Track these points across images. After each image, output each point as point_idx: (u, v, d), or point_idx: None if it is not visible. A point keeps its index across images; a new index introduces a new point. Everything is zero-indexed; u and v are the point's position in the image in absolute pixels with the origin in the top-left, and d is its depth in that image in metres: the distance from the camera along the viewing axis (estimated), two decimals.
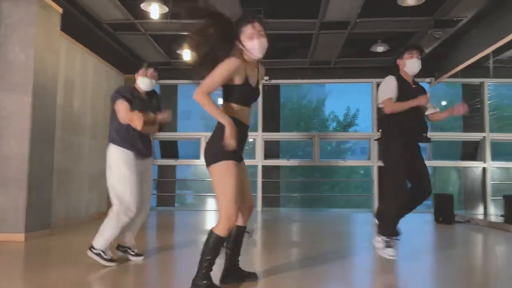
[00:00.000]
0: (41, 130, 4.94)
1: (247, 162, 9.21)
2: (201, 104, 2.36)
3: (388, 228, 3.49)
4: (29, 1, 4.76)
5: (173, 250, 4.21)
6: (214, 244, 2.41)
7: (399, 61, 3.58)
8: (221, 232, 2.39)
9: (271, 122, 8.84)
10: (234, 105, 2.50)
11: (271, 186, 8.73)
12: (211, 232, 2.43)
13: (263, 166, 8.69)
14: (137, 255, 3.53)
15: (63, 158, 6.12)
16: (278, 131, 8.94)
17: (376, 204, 8.52)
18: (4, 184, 4.65)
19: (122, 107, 3.31)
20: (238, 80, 2.44)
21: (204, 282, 2.39)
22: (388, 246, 3.47)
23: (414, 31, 6.29)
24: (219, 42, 2.42)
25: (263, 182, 8.67)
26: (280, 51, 7.59)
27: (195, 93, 2.36)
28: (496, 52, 7.07)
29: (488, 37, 6.27)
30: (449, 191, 9.11)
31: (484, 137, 8.62)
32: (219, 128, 2.41)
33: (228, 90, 2.49)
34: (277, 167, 8.90)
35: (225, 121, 2.36)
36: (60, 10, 5.29)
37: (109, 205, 7.54)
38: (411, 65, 3.47)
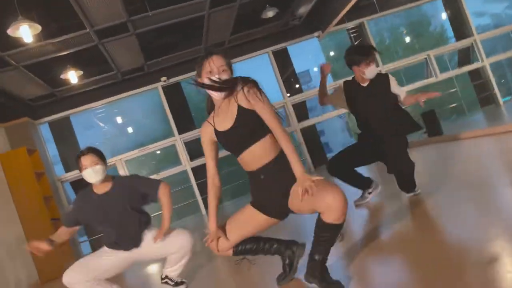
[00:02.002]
0: None
1: (173, 171, 8.45)
2: None
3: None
4: None
5: None
6: None
7: (355, 68, 3.37)
8: None
9: (185, 123, 8.35)
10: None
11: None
12: None
13: (192, 169, 8.23)
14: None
15: None
16: (195, 129, 8.50)
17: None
18: None
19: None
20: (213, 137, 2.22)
21: None
22: None
23: None
24: None
25: (198, 184, 8.22)
26: (173, 45, 7.12)
27: None
28: None
29: None
30: None
31: (380, 71, 9.18)
32: None
33: None
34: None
35: None
36: None
37: (40, 273, 6.57)
38: (370, 72, 3.35)
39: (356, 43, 9.27)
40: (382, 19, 10.45)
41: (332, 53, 10.28)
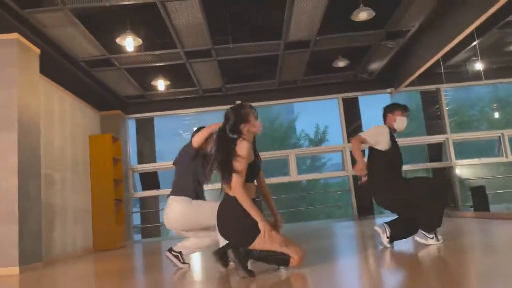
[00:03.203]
0: (28, 165, 5.08)
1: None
2: (239, 198, 2.68)
3: None
4: (8, 43, 5.01)
5: None
6: None
7: (389, 115, 3.85)
8: None
9: None
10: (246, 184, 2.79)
11: None
12: None
13: None
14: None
15: (47, 194, 6.21)
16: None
17: (355, 212, 8.88)
18: None
19: None
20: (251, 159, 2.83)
21: None
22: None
23: (369, 44, 6.85)
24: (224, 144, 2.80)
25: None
26: (250, 75, 8.05)
27: (234, 188, 2.68)
28: (446, 58, 7.77)
29: (434, 45, 6.92)
30: None
31: (447, 138, 9.24)
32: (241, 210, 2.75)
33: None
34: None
35: (259, 218, 2.67)
36: (38, 51, 5.54)
37: (95, 240, 7.67)
38: (401, 122, 3.80)
39: (436, 107, 9.43)
40: (466, 88, 10.46)
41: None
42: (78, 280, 3.99)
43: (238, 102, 9.08)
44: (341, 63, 7.41)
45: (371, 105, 10.93)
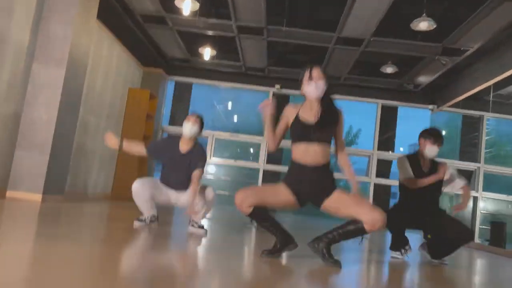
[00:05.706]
0: (69, 102, 5.29)
1: (251, 165, 9.20)
2: None
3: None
4: None
5: None
6: None
7: (422, 140, 3.70)
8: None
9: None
10: (292, 145, 2.69)
11: None
12: None
13: (264, 170, 9.04)
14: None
15: (81, 135, 6.46)
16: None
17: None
18: (30, 148, 4.97)
19: None
20: (291, 121, 2.74)
21: None
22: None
23: (423, 56, 6.71)
24: None
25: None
26: (295, 62, 8.02)
27: None
28: (497, 86, 7.53)
29: (489, 71, 6.71)
30: None
31: (478, 167, 9.01)
32: None
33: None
34: (277, 173, 9.24)
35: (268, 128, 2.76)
36: None
37: (114, 188, 7.93)
38: (430, 152, 3.65)
39: (475, 135, 9.19)
40: (504, 122, 10.08)
41: (444, 132, 10.25)
42: (92, 218, 4.17)
43: (277, 86, 9.13)
44: (389, 69, 7.30)
45: (409, 118, 10.75)
